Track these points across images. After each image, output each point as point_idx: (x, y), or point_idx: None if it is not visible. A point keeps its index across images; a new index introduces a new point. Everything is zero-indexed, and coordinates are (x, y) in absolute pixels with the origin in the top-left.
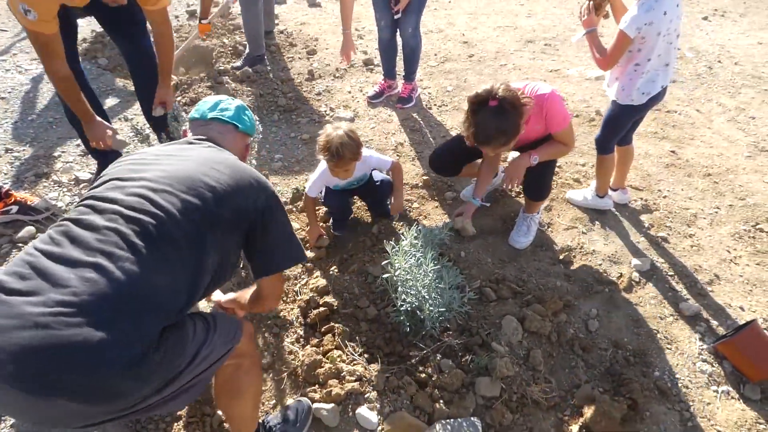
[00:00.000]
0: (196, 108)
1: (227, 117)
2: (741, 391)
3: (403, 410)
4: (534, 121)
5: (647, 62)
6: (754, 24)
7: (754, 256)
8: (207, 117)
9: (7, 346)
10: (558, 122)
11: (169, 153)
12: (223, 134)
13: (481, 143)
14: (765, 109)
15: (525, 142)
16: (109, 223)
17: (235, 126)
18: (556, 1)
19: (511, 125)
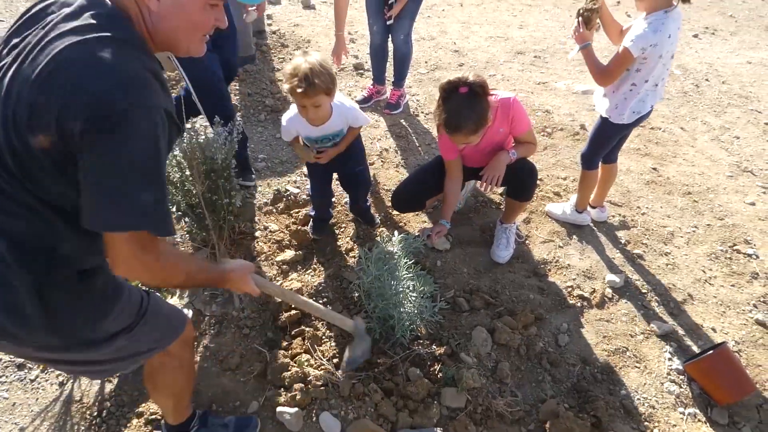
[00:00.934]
0: None
1: None
2: (708, 414)
3: (366, 418)
4: (499, 123)
5: (644, 83)
6: (744, 43)
7: (729, 277)
8: None
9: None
10: (524, 124)
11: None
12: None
13: (453, 130)
14: (750, 129)
15: (490, 146)
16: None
17: None
18: (548, 14)
19: (480, 110)
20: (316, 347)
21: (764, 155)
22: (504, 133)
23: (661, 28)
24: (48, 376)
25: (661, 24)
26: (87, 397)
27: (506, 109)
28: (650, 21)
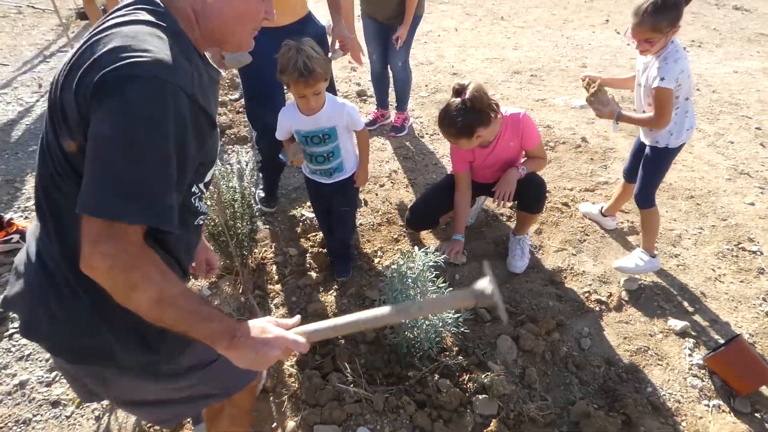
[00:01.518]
0: None
1: None
2: (731, 405)
3: (403, 430)
4: (509, 137)
5: (685, 102)
6: (729, 54)
7: (738, 274)
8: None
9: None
10: (534, 139)
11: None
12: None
13: (438, 125)
14: (742, 134)
15: (500, 161)
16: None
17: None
18: (540, 34)
19: (465, 121)
20: (347, 365)
21: (758, 158)
22: (515, 147)
23: (678, 55)
24: (84, 411)
25: (676, 52)
26: (125, 429)
27: (516, 124)
28: (666, 54)
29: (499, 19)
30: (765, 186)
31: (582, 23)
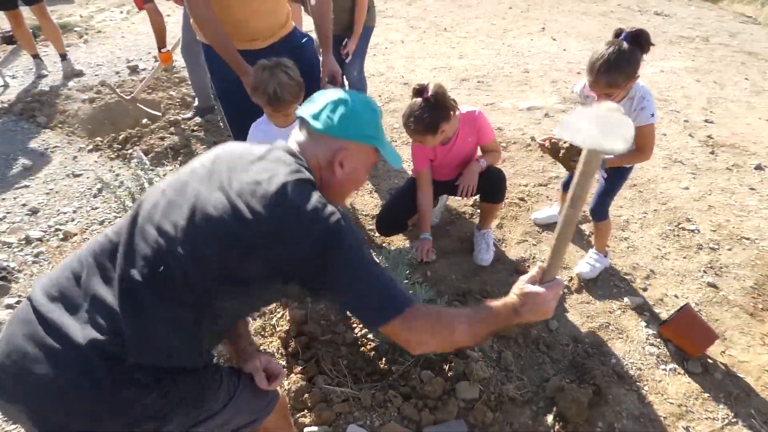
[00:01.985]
0: None
1: (307, 114)
2: (685, 367)
3: (392, 422)
4: (467, 133)
5: None
6: (655, 55)
7: (680, 251)
8: (296, 114)
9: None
10: (489, 134)
11: (208, 169)
12: (304, 139)
13: (404, 125)
14: (673, 126)
15: (459, 157)
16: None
17: (311, 125)
18: (483, 43)
19: (430, 118)
20: (330, 367)
21: (688, 147)
22: (472, 143)
23: (647, 89)
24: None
25: (644, 88)
26: None
27: (473, 120)
28: (641, 93)
29: (442, 30)
30: (696, 172)
31: (521, 32)
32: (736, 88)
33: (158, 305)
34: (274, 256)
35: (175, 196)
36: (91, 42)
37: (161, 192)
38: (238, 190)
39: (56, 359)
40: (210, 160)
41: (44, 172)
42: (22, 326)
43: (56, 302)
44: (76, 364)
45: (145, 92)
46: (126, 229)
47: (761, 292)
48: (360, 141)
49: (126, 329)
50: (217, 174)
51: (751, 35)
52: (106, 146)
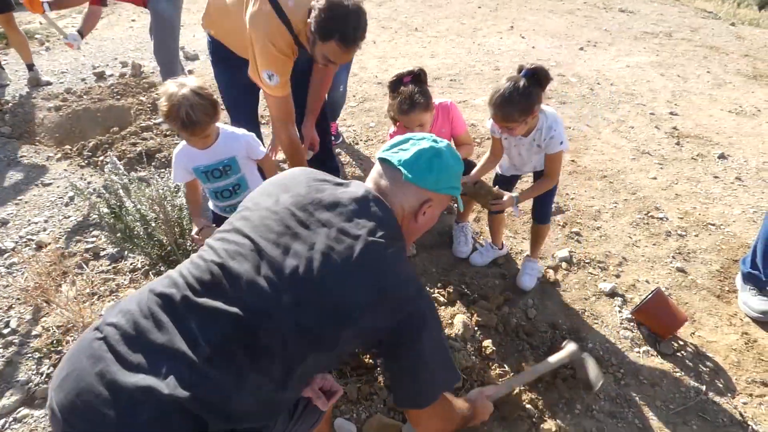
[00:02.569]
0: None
1: (397, 160)
2: (658, 349)
3: (378, 414)
4: (441, 124)
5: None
6: (620, 51)
7: (650, 239)
8: (379, 156)
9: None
10: (462, 124)
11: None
12: (390, 185)
13: (409, 107)
14: (640, 119)
15: None
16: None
17: (402, 174)
18: (454, 42)
19: (427, 93)
20: None
21: (655, 138)
22: (446, 133)
23: (554, 116)
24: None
25: (552, 117)
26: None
27: (446, 111)
28: (549, 123)
29: (413, 30)
30: (663, 162)
31: (490, 30)
32: (699, 81)
33: (249, 367)
34: (368, 327)
35: (270, 246)
36: (54, 49)
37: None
38: (334, 248)
39: (134, 407)
40: (287, 203)
41: (12, 182)
42: (94, 364)
43: (135, 344)
44: (154, 414)
45: (110, 95)
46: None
47: (727, 275)
48: (446, 192)
49: (209, 386)
50: (303, 220)
51: (712, 30)
52: (75, 154)
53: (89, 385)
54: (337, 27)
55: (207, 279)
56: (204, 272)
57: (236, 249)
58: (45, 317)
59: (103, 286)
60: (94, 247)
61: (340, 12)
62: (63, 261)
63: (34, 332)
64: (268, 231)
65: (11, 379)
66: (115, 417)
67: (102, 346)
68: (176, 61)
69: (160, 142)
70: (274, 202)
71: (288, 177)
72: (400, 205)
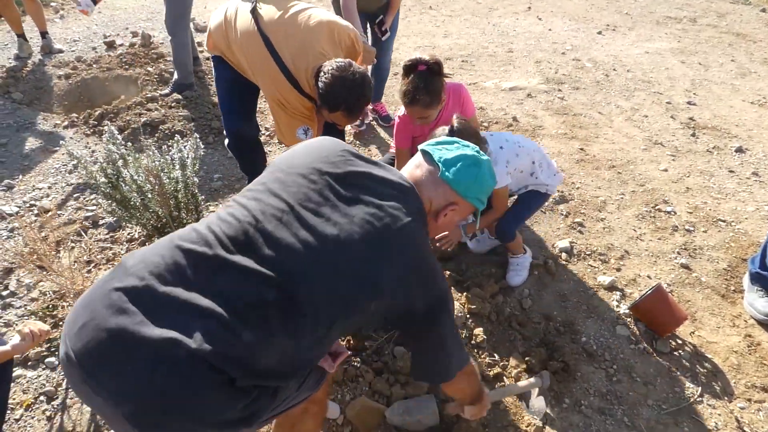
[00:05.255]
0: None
1: (438, 156)
2: (654, 346)
3: (363, 396)
4: (452, 107)
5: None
6: (640, 36)
7: (656, 233)
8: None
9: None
10: (471, 107)
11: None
12: (425, 178)
13: (410, 101)
14: (655, 108)
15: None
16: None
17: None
18: (468, 22)
19: (435, 87)
20: None
21: (669, 129)
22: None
23: (495, 157)
24: (33, 413)
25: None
26: (80, 426)
27: (457, 93)
28: (493, 160)
29: (427, 8)
30: (676, 154)
31: (506, 11)
32: (722, 70)
33: (280, 328)
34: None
35: (308, 213)
36: (67, 17)
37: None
38: (374, 223)
39: (157, 359)
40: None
41: (19, 148)
42: (115, 314)
43: (160, 298)
44: (178, 367)
45: (118, 64)
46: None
47: (734, 274)
48: (472, 202)
49: (238, 344)
50: (341, 192)
51: (740, 16)
52: (81, 122)
53: (110, 336)
54: (344, 100)
55: (241, 238)
56: (238, 231)
57: (273, 212)
58: (42, 282)
59: (100, 254)
60: (93, 215)
61: (346, 86)
62: (62, 228)
63: (32, 296)
64: (306, 199)
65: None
66: (138, 367)
67: (122, 297)
68: (187, 32)
69: (164, 113)
70: (310, 170)
71: (323, 145)
72: (428, 199)
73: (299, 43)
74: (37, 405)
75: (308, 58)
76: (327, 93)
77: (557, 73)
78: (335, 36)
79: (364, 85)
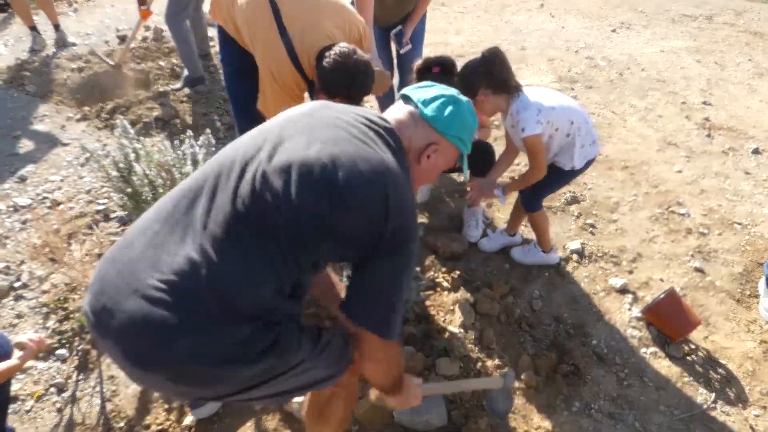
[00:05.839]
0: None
1: (416, 97)
2: (666, 351)
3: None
4: None
5: (573, 135)
6: (655, 34)
7: (669, 235)
8: (402, 92)
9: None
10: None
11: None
12: (404, 118)
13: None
14: (670, 108)
15: None
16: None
17: (419, 109)
18: (480, 19)
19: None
20: None
21: (684, 130)
22: None
23: (524, 104)
24: (44, 404)
25: (521, 102)
26: (89, 419)
27: None
28: (517, 108)
29: (439, 5)
30: (690, 155)
31: (519, 8)
32: (738, 69)
33: (253, 240)
34: (359, 226)
35: (278, 141)
36: (81, 10)
37: (262, 133)
38: (346, 155)
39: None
40: (308, 113)
41: (33, 140)
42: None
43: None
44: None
45: (131, 58)
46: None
47: (750, 278)
48: (453, 142)
49: (223, 260)
50: (319, 129)
51: (758, 14)
52: (93, 116)
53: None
54: (345, 86)
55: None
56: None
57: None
58: (53, 274)
59: None
60: (105, 209)
61: (349, 72)
62: (74, 221)
63: (43, 288)
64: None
65: (19, 332)
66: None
67: (119, 248)
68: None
69: (175, 108)
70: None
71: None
72: (408, 139)
73: (311, 20)
74: (48, 396)
75: (318, 37)
76: (328, 77)
77: (570, 71)
78: (346, 24)
79: (367, 74)
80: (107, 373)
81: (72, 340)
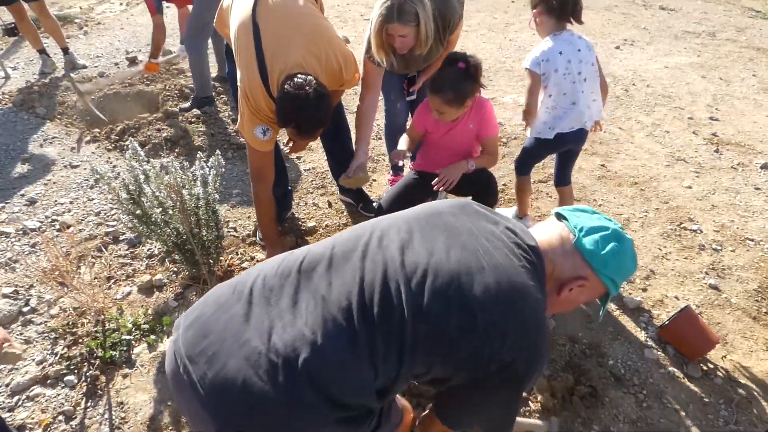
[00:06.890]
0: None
1: (575, 223)
2: (684, 371)
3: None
4: (470, 118)
5: (558, 99)
6: (659, 51)
7: (682, 252)
8: (557, 211)
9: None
10: (493, 125)
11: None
12: (555, 242)
13: (435, 90)
14: (677, 123)
15: (455, 144)
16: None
17: (576, 237)
18: (484, 37)
19: (465, 87)
20: None
21: (692, 145)
22: (472, 130)
23: (547, 46)
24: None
25: (546, 43)
26: None
27: (480, 107)
28: (540, 44)
29: None
30: (699, 170)
31: (523, 26)
32: (743, 84)
33: (367, 342)
34: (474, 350)
35: (419, 238)
36: (91, 33)
37: (399, 225)
38: (488, 266)
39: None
40: (453, 213)
41: (42, 163)
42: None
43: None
44: (278, 375)
45: (143, 83)
46: (356, 250)
47: (765, 295)
48: (604, 281)
49: (329, 344)
50: (463, 236)
51: (760, 30)
52: (103, 137)
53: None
54: (294, 118)
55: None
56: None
57: (391, 232)
58: (62, 298)
59: (120, 270)
60: (114, 231)
61: (296, 104)
62: (83, 243)
63: (52, 312)
64: (426, 226)
65: (27, 357)
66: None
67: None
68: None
69: (184, 129)
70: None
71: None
72: (553, 265)
73: (282, 45)
74: (56, 425)
75: (286, 63)
76: (278, 107)
77: None
78: (322, 52)
79: (319, 107)
80: (116, 400)
81: (80, 366)
